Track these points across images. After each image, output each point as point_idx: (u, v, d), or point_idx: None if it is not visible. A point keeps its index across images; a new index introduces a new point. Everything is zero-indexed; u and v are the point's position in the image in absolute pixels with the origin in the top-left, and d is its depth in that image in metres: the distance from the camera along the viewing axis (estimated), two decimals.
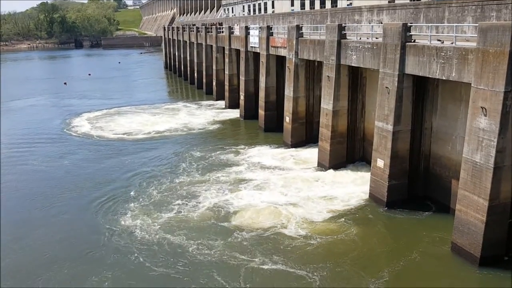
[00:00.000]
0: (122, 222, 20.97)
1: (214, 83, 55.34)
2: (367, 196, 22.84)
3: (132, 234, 19.76)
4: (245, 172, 27.14)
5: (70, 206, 23.38)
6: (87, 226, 20.93)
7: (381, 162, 21.90)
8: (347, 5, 39.65)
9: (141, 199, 23.57)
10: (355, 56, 24.32)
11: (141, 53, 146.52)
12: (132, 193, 24.55)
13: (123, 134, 38.33)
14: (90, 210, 22.77)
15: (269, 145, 33.19)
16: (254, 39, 40.01)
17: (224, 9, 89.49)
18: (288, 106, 32.67)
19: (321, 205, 22.09)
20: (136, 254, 18.10)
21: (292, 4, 53.43)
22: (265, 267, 16.87)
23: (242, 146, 33.03)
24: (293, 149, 31.83)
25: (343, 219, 20.54)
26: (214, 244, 18.72)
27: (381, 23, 25.66)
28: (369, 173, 23.11)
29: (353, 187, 24.36)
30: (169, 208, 22.31)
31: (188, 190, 24.49)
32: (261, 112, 38.59)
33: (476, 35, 16.10)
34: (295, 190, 24.03)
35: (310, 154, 30.18)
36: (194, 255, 17.88)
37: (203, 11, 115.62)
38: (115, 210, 22.43)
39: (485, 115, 15.83)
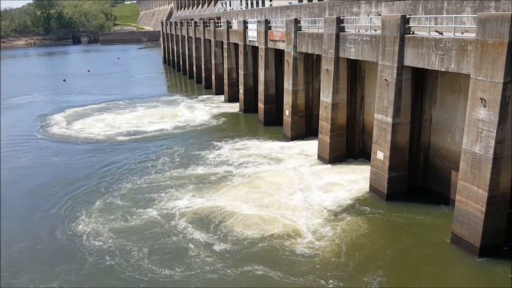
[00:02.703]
0: (83, 227, 20.33)
1: (213, 77, 55.32)
2: (367, 188, 22.94)
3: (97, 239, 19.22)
4: (246, 166, 27.20)
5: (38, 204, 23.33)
6: (44, 230, 20.45)
7: (381, 154, 21.98)
8: None
9: (132, 199, 23.58)
10: (353, 49, 24.31)
11: (139, 48, 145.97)
12: (121, 190, 24.58)
13: (120, 128, 38.32)
14: (53, 211, 22.34)
15: (268, 139, 33.24)
16: (253, 33, 39.94)
17: (222, 3, 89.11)
18: (287, 99, 32.69)
19: (320, 197, 22.19)
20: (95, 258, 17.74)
21: None
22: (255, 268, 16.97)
23: (242, 139, 33.08)
24: (293, 142, 31.89)
25: (343, 211, 20.65)
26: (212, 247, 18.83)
27: (380, 15, 25.63)
28: (369, 166, 23.18)
29: (352, 179, 24.44)
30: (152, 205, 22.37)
31: (182, 184, 24.57)
32: (261, 105, 38.62)
33: (475, 26, 16.11)
34: (295, 183, 24.11)
35: (310, 147, 30.26)
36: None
37: (200, 5, 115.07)
38: (79, 212, 21.96)
39: (484, 106, 15.87)
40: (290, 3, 51.17)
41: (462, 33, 18.22)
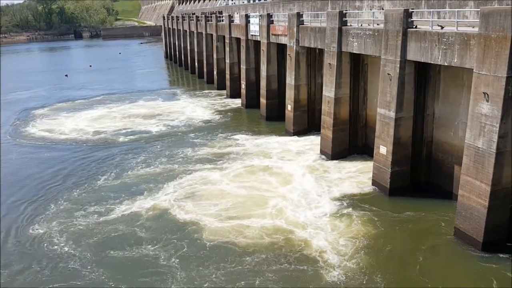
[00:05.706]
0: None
1: (215, 72, 55.21)
2: (370, 183, 22.95)
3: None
4: (246, 161, 27.24)
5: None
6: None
7: (383, 149, 21.97)
8: None
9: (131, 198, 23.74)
10: (356, 43, 24.24)
11: (141, 43, 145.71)
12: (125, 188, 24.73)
13: (118, 124, 38.36)
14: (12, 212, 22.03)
15: (271, 134, 33.22)
16: (255, 27, 39.83)
17: None
18: (289, 94, 32.65)
19: (322, 192, 22.23)
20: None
21: None
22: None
23: (244, 135, 33.09)
24: (295, 137, 31.86)
25: (344, 206, 20.68)
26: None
27: (383, 9, 25.51)
28: (372, 160, 23.17)
29: (355, 174, 24.46)
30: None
31: (181, 181, 24.68)
32: (263, 100, 38.58)
33: (478, 20, 16.03)
34: (296, 178, 24.14)
35: (312, 142, 30.25)
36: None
37: (202, 0, 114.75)
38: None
39: (487, 101, 15.84)
40: None
41: (473, 27, 18.01)
